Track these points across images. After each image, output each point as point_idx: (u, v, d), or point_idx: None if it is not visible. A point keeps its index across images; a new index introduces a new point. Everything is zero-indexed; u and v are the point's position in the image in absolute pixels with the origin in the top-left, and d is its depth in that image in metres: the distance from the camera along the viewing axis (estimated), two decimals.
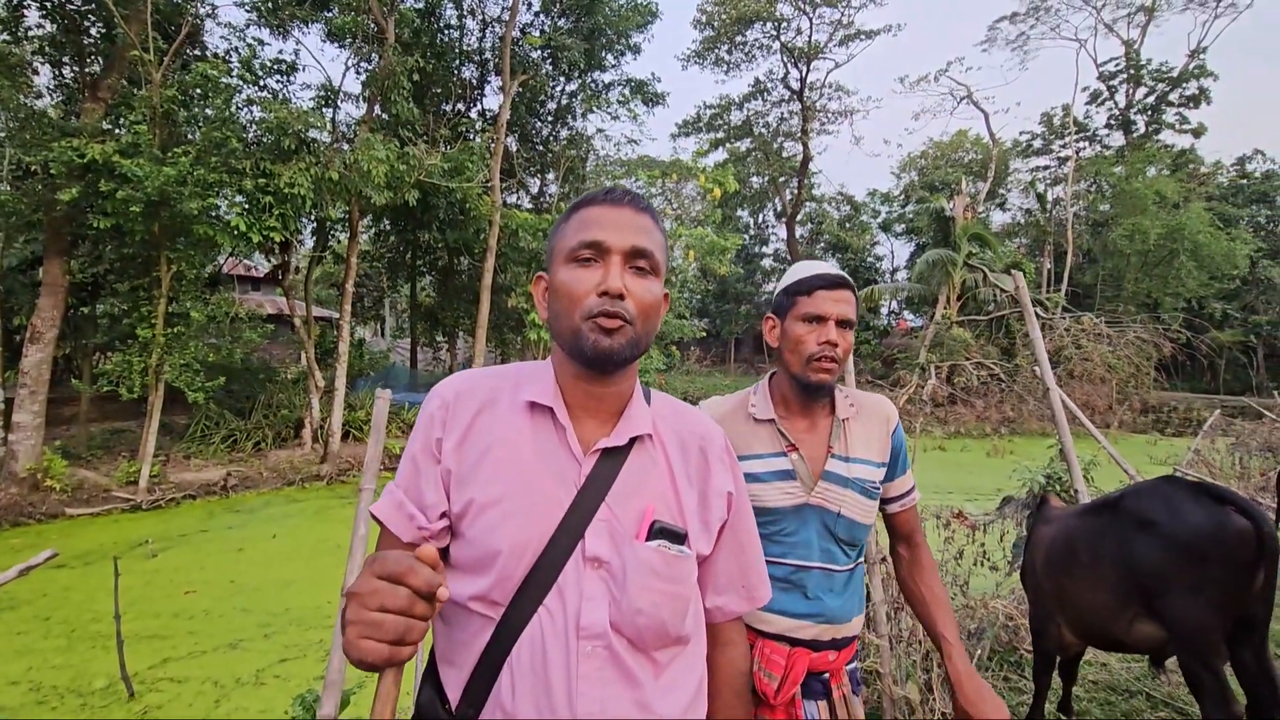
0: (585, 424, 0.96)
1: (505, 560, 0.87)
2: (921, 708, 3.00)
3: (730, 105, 31.09)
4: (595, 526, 0.89)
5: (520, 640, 0.86)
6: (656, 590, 0.88)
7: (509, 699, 0.85)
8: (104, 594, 6.69)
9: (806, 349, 1.36)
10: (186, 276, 10.10)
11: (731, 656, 1.04)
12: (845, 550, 1.39)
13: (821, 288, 1.36)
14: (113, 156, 8.39)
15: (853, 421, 1.43)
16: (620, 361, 0.91)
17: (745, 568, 1.03)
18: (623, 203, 0.95)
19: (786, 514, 1.37)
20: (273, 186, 9.68)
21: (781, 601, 1.35)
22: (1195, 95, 28.04)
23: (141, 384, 9.71)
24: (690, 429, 1.03)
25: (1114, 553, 2.46)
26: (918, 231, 30.36)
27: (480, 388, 0.98)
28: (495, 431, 0.93)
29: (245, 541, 8.65)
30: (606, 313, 0.89)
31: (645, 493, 0.94)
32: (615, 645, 0.87)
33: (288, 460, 12.11)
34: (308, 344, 12.86)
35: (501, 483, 0.90)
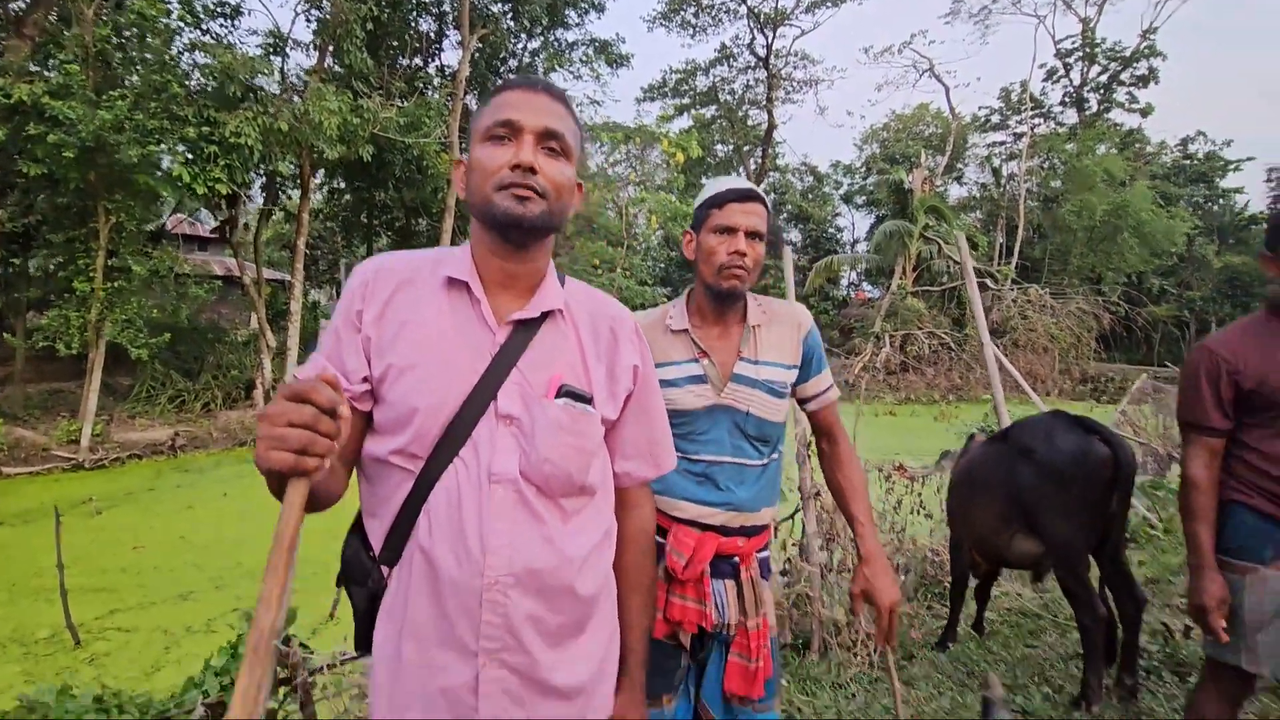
0: (500, 298, 1.03)
1: (422, 417, 0.95)
2: (847, 629, 3.22)
3: (696, 70, 30.78)
4: (507, 388, 0.97)
5: (436, 488, 0.94)
6: (562, 443, 0.97)
7: (427, 539, 0.94)
8: (45, 551, 6.53)
9: (718, 259, 1.45)
10: (127, 229, 9.68)
11: (639, 516, 1.15)
12: (756, 446, 1.51)
13: (733, 200, 1.45)
14: (42, 98, 7.94)
15: (764, 328, 1.54)
16: (530, 229, 0.98)
17: (651, 437, 1.13)
18: (538, 88, 1.00)
19: (699, 415, 1.48)
20: (218, 135, 9.29)
21: (694, 492, 1.47)
22: (1145, 75, 28.90)
23: (81, 340, 9.36)
24: (602, 310, 1.11)
25: (1001, 477, 2.76)
26: (878, 204, 30.80)
27: (400, 266, 1.04)
28: (414, 305, 1.00)
29: (195, 500, 8.52)
30: (518, 184, 0.95)
31: (555, 363, 1.02)
32: (524, 490, 0.96)
33: (238, 421, 11.88)
34: (258, 303, 12.52)
35: (418, 349, 0.97)
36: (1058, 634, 3.37)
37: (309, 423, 0.74)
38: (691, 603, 1.44)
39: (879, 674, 2.94)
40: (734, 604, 1.46)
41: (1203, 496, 1.66)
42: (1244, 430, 1.66)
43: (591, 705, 1.03)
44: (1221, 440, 1.67)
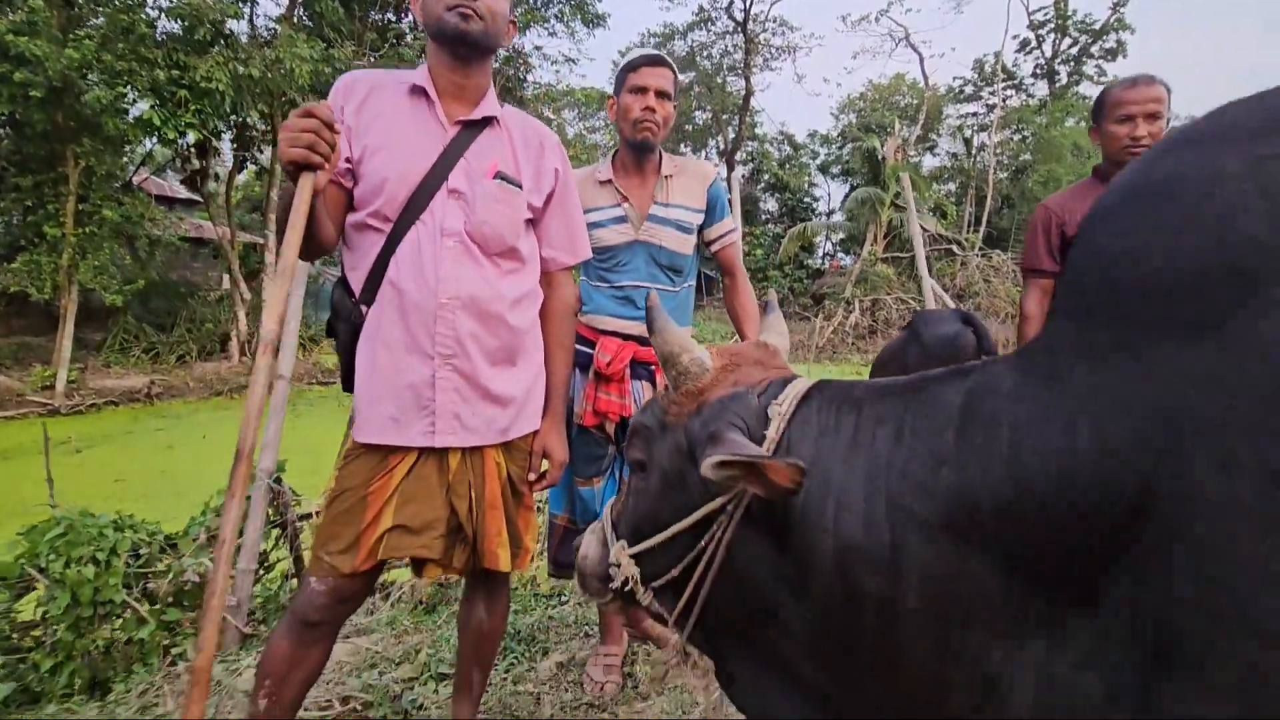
0: (451, 105, 1.35)
1: (391, 185, 1.27)
2: None
3: (674, 34, 30.57)
4: (456, 171, 1.30)
5: (403, 242, 1.27)
6: (496, 211, 1.31)
7: (395, 276, 1.27)
8: (28, 483, 6.74)
9: (633, 114, 1.78)
10: (97, 173, 9.65)
11: (562, 292, 1.49)
12: (668, 274, 1.85)
13: (644, 64, 1.78)
14: (6, 35, 7.87)
15: (675, 179, 1.87)
16: (474, 44, 1.29)
17: (570, 230, 1.47)
18: None
19: (621, 249, 1.82)
20: (188, 80, 9.26)
21: (617, 310, 1.82)
22: (1113, 48, 29.40)
23: (53, 285, 9.38)
24: (533, 127, 1.44)
25: (899, 359, 3.20)
26: (852, 172, 31.15)
27: (372, 77, 1.35)
28: (383, 105, 1.32)
29: (175, 441, 8.70)
30: (464, 4, 1.25)
31: (493, 156, 1.35)
32: (468, 244, 1.29)
33: (214, 372, 11.99)
34: (231, 256, 12.53)
35: (387, 136, 1.29)
36: None
37: (314, 129, 1.07)
38: (615, 398, 1.79)
39: None
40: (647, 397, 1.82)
41: (1032, 326, 2.05)
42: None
43: (523, 415, 1.38)
44: (1050, 281, 2.05)
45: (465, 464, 1.31)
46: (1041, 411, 0.57)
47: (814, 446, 0.80)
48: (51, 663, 2.09)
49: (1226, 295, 0.45)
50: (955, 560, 0.66)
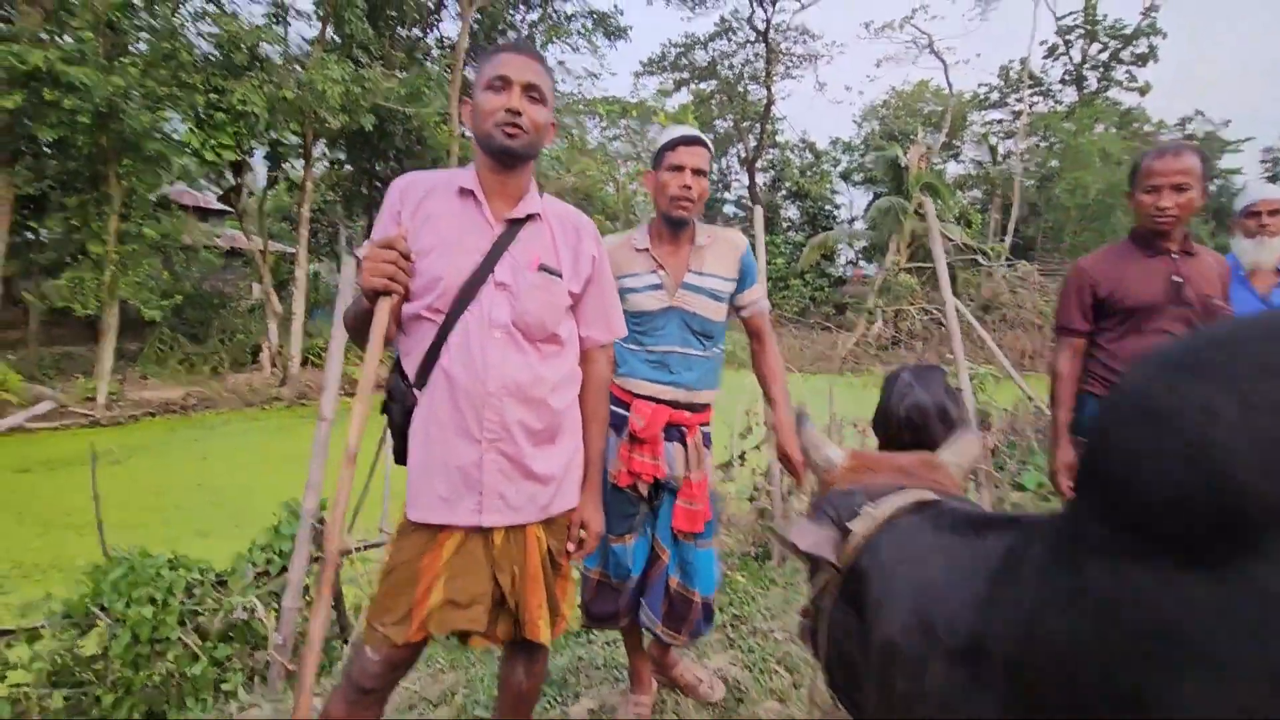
0: (496, 203, 1.44)
1: (444, 283, 1.36)
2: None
3: (695, 44, 30.71)
4: (502, 264, 1.40)
5: (454, 331, 1.37)
6: (539, 300, 1.40)
7: (448, 363, 1.36)
8: (73, 491, 7.01)
9: (670, 191, 1.87)
10: (139, 193, 10.01)
11: (598, 368, 1.58)
12: (700, 340, 1.93)
13: (681, 144, 1.86)
14: (57, 64, 8.22)
15: (708, 248, 1.95)
16: (518, 155, 1.39)
17: (605, 310, 1.56)
18: (524, 51, 1.39)
19: (656, 314, 1.90)
20: (225, 103, 9.58)
21: (651, 374, 1.89)
22: (1145, 53, 28.89)
23: (96, 300, 9.74)
24: (569, 216, 1.54)
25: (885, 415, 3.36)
26: (875, 181, 30.94)
27: (426, 180, 1.46)
28: (436, 206, 1.42)
29: (209, 452, 8.98)
30: (509, 122, 1.36)
31: (535, 249, 1.44)
32: (513, 333, 1.38)
33: (247, 383, 12.31)
34: (263, 269, 12.87)
35: (440, 236, 1.39)
36: None
37: (394, 260, 1.22)
38: (648, 459, 1.87)
39: None
40: (681, 461, 1.89)
41: (1064, 386, 2.09)
42: (1099, 334, 2.08)
43: (562, 492, 1.47)
44: (1083, 340, 2.09)
45: (509, 540, 1.40)
46: (1058, 596, 0.64)
47: (890, 552, 0.94)
48: (113, 697, 2.22)
49: (1222, 535, 0.51)
50: (966, 688, 0.76)
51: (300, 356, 13.02)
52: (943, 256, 5.34)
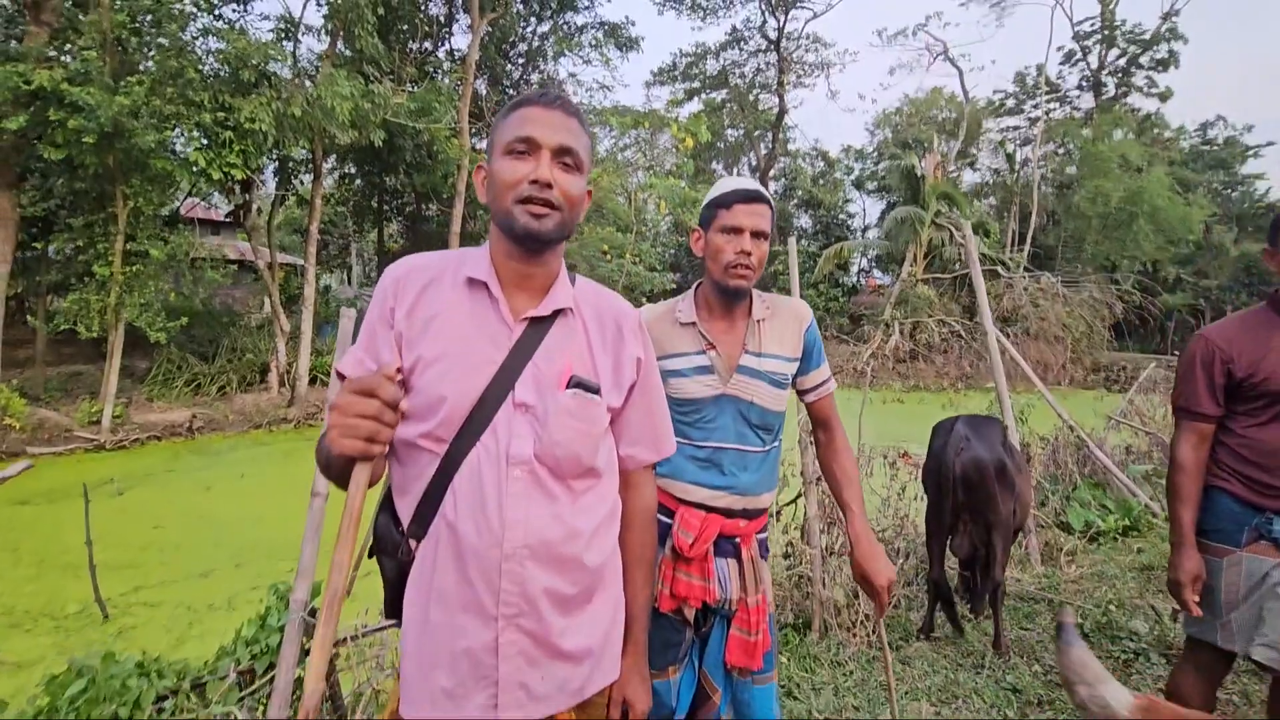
0: (516, 297, 1.13)
1: (449, 405, 1.05)
2: (847, 610, 3.32)
3: (706, 54, 30.49)
4: (523, 379, 1.07)
5: (461, 468, 1.05)
6: (572, 428, 1.07)
7: (452, 514, 1.04)
8: (71, 527, 6.77)
9: (725, 257, 1.53)
10: (144, 213, 9.83)
11: (641, 495, 1.25)
12: (758, 434, 1.60)
13: (739, 201, 1.53)
14: (62, 84, 8.05)
15: (767, 322, 1.62)
16: (546, 240, 1.08)
17: (653, 423, 1.23)
18: (554, 105, 1.08)
19: (706, 403, 1.57)
20: (233, 121, 9.39)
21: (700, 476, 1.56)
22: (1165, 59, 28.35)
23: (100, 323, 9.55)
24: (608, 307, 1.21)
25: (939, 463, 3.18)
26: (889, 189, 30.52)
27: (427, 266, 1.14)
28: (439, 302, 1.10)
29: (213, 481, 8.73)
30: (535, 199, 1.04)
31: (566, 355, 1.12)
32: (538, 471, 1.06)
33: (254, 404, 12.09)
34: (272, 287, 12.68)
35: (444, 343, 1.07)
36: (1050, 617, 3.46)
37: (375, 414, 0.87)
38: (696, 580, 1.54)
39: (876, 652, 3.05)
40: (736, 581, 1.56)
41: (1188, 479, 1.74)
42: (1232, 418, 1.73)
43: (600, 668, 1.13)
44: (1211, 426, 1.74)
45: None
46: None
47: None
48: None
49: None
50: None
51: (308, 375, 12.80)
52: (982, 286, 5.01)
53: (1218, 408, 1.72)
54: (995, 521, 2.93)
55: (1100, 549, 4.94)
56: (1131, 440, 8.25)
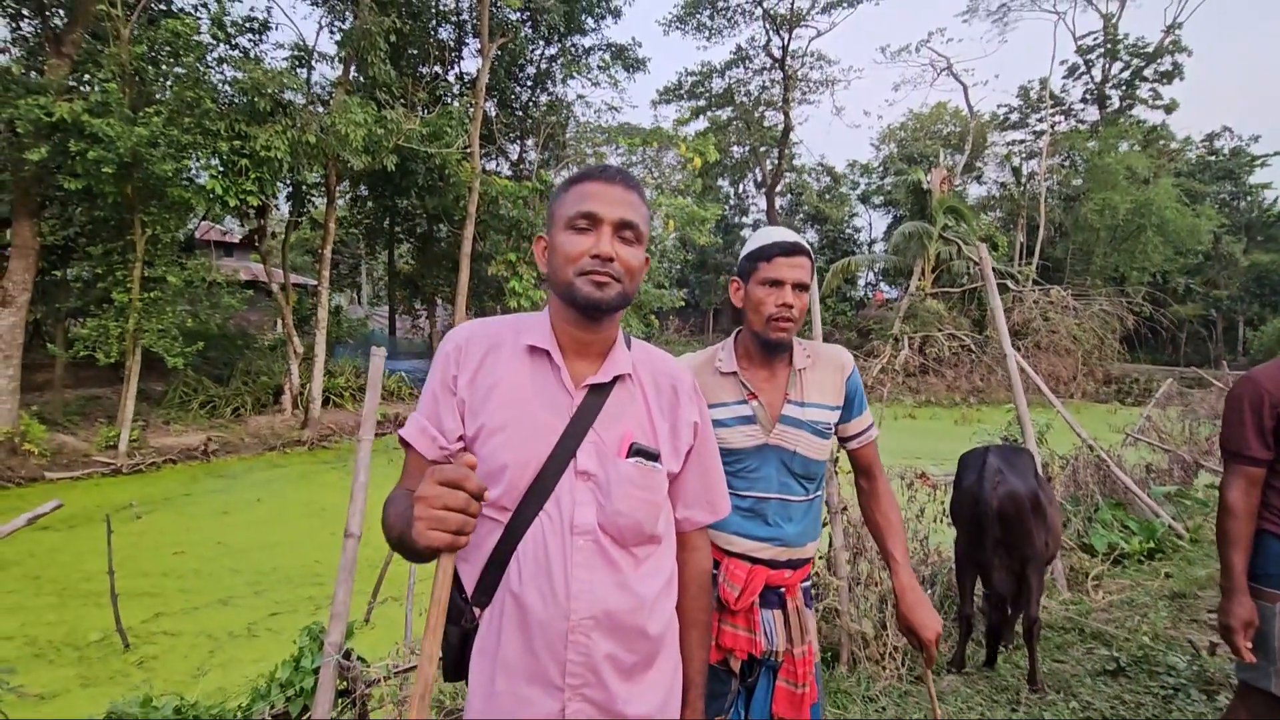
0: (576, 364, 1.14)
1: (511, 473, 1.06)
2: (875, 642, 3.29)
3: (712, 72, 30.81)
4: (585, 447, 1.09)
5: (525, 538, 1.06)
6: (634, 497, 1.09)
7: (517, 585, 1.05)
8: (92, 554, 6.81)
9: (766, 310, 1.54)
10: (162, 240, 9.97)
11: (697, 559, 1.25)
12: (802, 483, 1.60)
13: (780, 255, 1.55)
14: (82, 115, 8.21)
15: (809, 371, 1.63)
16: (608, 309, 1.10)
17: (708, 485, 1.24)
18: (615, 180, 1.12)
19: (749, 453, 1.58)
20: (248, 149, 9.54)
21: (745, 527, 1.57)
22: (1169, 71, 28.43)
23: (119, 349, 9.65)
24: (664, 370, 1.23)
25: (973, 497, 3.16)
26: (895, 204, 30.62)
27: (488, 333, 1.16)
28: (500, 370, 1.12)
29: (230, 505, 8.76)
30: (598, 271, 1.07)
31: (625, 421, 1.13)
32: (601, 540, 1.07)
33: (268, 426, 12.16)
34: (285, 310, 12.80)
35: (506, 411, 1.09)
36: (1084, 649, 3.42)
37: (463, 507, 0.86)
38: (742, 631, 1.54)
39: (908, 686, 3.01)
40: (781, 632, 1.56)
41: (1239, 524, 1.73)
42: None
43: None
44: (1261, 470, 1.73)
45: None
46: None
47: None
48: None
49: None
50: None
51: (321, 397, 12.86)
52: (999, 307, 5.01)
53: (1267, 451, 1.72)
54: (1031, 555, 2.91)
55: (1126, 572, 4.88)
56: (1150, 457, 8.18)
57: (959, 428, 16.30)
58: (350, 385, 14.25)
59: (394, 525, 1.01)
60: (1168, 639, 3.32)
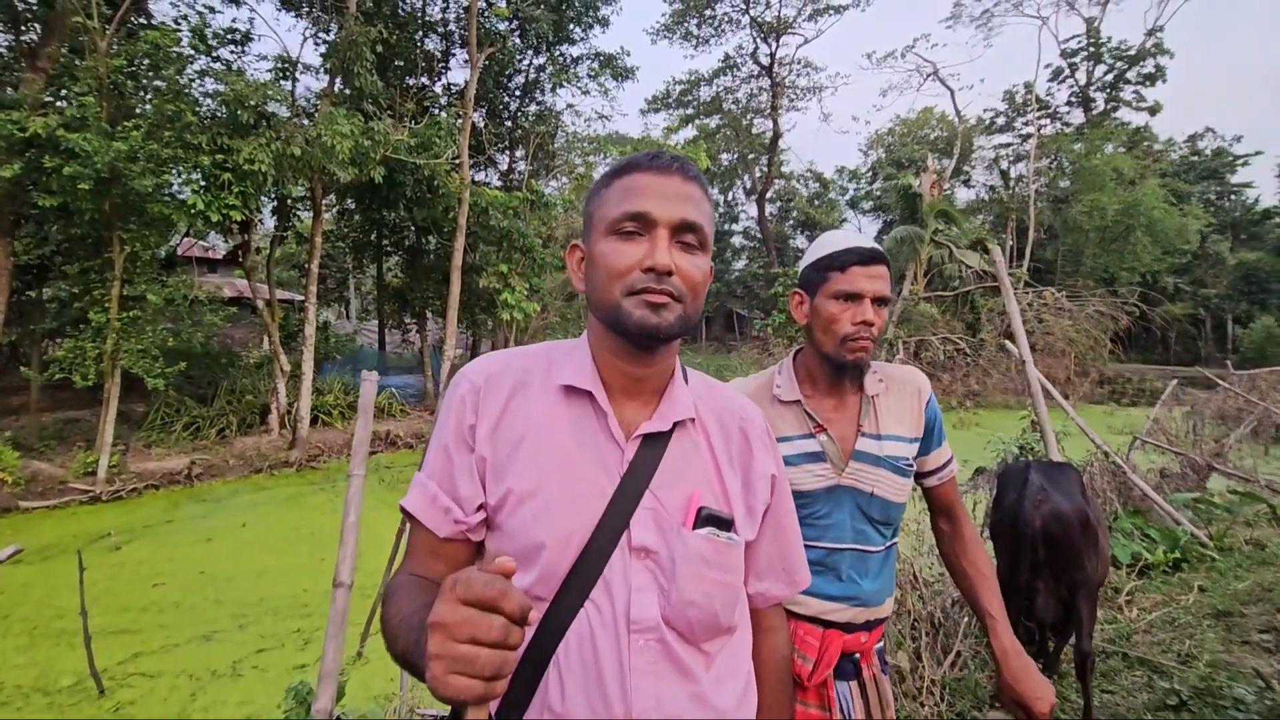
0: (625, 407, 0.89)
1: (548, 553, 0.81)
2: (911, 675, 3.05)
3: (700, 81, 30.83)
4: (640, 515, 0.84)
5: (567, 636, 0.81)
6: (708, 580, 0.84)
7: (557, 699, 0.79)
8: (66, 589, 6.45)
9: (841, 329, 1.31)
10: (141, 258, 9.63)
11: (775, 643, 1.00)
12: (880, 530, 1.36)
13: (856, 263, 1.29)
14: (57, 130, 7.91)
15: (882, 398, 1.39)
16: (667, 339, 0.85)
17: (786, 551, 0.99)
18: (671, 170, 0.87)
19: (819, 496, 1.33)
20: (231, 163, 9.25)
21: (816, 584, 1.31)
22: (1152, 73, 28.72)
23: (96, 371, 9.29)
24: (730, 409, 0.98)
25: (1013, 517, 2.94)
26: (886, 208, 30.69)
27: (511, 369, 0.91)
28: (530, 417, 0.87)
29: (214, 531, 8.41)
30: (653, 289, 0.82)
31: (690, 478, 0.89)
32: (667, 638, 0.82)
33: (254, 447, 11.78)
34: (271, 327, 12.45)
35: (540, 472, 0.84)
36: (1132, 677, 3.19)
37: (501, 640, 0.58)
38: (814, 709, 1.30)
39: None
40: (859, 706, 1.31)
41: None
42: None
43: None
44: None
45: None
46: None
47: None
48: None
49: None
50: None
51: (309, 416, 12.51)
52: (1017, 313, 4.83)
53: None
54: (1080, 580, 2.68)
55: (1154, 584, 4.67)
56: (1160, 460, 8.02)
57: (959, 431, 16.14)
58: (339, 403, 13.89)
59: (397, 637, 0.75)
60: (1225, 666, 3.09)
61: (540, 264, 14.68)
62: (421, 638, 0.63)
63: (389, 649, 0.77)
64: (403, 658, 0.74)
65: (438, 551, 0.86)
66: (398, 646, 0.75)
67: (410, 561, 0.88)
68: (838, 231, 1.40)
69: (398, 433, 13.48)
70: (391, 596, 0.81)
